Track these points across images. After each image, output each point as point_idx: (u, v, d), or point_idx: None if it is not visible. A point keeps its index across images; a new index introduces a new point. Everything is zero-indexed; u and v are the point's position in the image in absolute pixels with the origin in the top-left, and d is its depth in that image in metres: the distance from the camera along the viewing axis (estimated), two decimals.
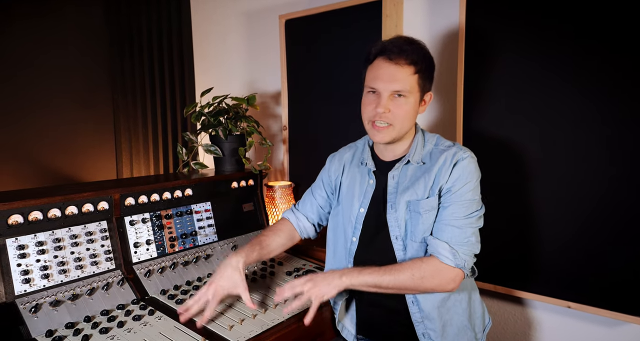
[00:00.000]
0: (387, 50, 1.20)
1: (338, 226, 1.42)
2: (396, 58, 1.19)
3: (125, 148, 2.97)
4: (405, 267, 1.18)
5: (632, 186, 1.36)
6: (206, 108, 1.95)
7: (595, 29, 1.38)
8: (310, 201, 1.53)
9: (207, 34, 2.70)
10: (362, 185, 1.36)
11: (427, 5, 1.83)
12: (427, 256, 1.21)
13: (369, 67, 1.27)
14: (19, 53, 2.58)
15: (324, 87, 2.03)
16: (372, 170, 1.34)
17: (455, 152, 1.24)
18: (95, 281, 1.36)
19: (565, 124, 1.45)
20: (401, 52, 1.19)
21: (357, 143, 1.50)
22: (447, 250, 1.17)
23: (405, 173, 1.28)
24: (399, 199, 1.26)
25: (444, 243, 1.18)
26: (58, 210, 1.33)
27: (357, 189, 1.36)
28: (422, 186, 1.24)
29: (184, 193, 1.67)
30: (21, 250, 1.25)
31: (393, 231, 1.27)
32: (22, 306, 1.20)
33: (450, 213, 1.20)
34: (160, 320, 1.27)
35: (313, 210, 1.52)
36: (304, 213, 1.53)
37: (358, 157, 1.42)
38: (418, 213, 1.23)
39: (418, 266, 1.18)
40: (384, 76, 1.20)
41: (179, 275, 1.54)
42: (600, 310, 1.44)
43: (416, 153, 1.28)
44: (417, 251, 1.24)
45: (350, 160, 1.45)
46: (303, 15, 2.04)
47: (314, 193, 1.53)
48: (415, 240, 1.24)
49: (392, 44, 1.20)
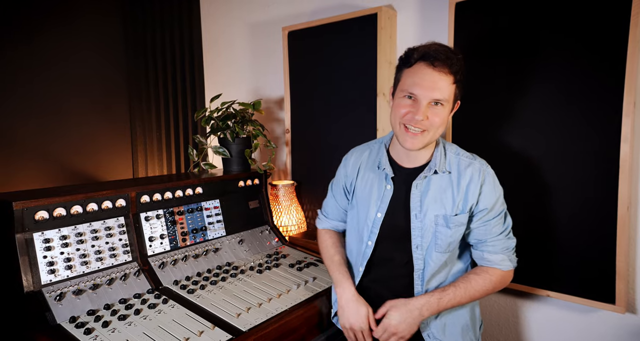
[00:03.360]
0: (431, 57, 1.08)
1: (353, 228, 1.34)
2: (440, 65, 1.07)
3: (141, 150, 2.99)
4: (479, 284, 1.17)
5: (598, 187, 1.37)
6: (215, 113, 1.96)
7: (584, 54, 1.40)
8: (336, 206, 1.45)
9: (216, 45, 2.71)
10: (380, 189, 1.26)
11: (419, 19, 1.85)
12: (487, 268, 1.20)
13: (407, 70, 1.13)
14: (44, 61, 2.61)
15: (323, 93, 2.04)
16: (390, 176, 1.24)
17: (479, 168, 1.18)
18: (113, 272, 1.38)
19: (549, 131, 1.47)
20: (446, 59, 1.07)
21: (371, 144, 1.37)
22: (506, 259, 1.19)
23: (429, 183, 1.19)
24: (425, 210, 1.18)
25: (501, 255, 1.19)
26: (80, 207, 1.35)
27: (375, 193, 1.26)
28: (449, 200, 1.17)
29: (195, 192, 1.68)
30: (47, 244, 1.27)
31: (415, 240, 1.20)
32: (47, 294, 1.22)
33: (492, 227, 1.18)
34: (173, 308, 1.29)
35: (341, 214, 1.44)
36: (335, 219, 1.46)
37: (374, 160, 1.30)
38: (447, 227, 1.17)
39: (489, 280, 1.18)
40: (426, 83, 1.08)
41: (190, 267, 1.55)
42: (577, 298, 1.46)
43: (440, 162, 1.19)
44: (437, 259, 1.19)
45: (365, 162, 1.33)
46: (305, 27, 2.05)
47: (336, 198, 1.44)
48: (440, 250, 1.18)
49: (436, 51, 1.08)
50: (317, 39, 2.02)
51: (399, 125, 1.15)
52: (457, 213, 1.17)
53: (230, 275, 1.52)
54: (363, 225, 1.28)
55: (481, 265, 1.23)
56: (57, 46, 2.66)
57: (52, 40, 2.63)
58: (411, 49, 1.13)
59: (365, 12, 1.83)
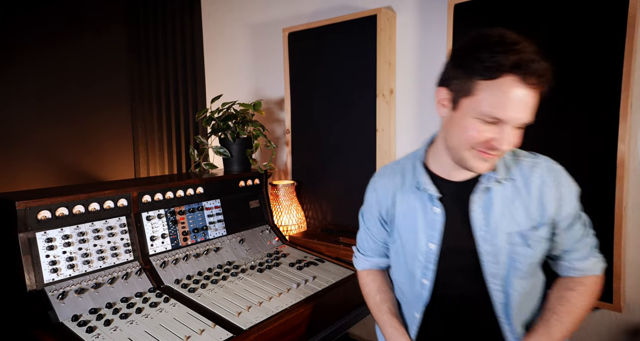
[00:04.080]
0: (525, 68, 0.79)
1: (400, 265, 1.09)
2: (534, 81, 0.80)
3: (143, 150, 3.00)
4: (580, 301, 0.94)
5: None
6: (216, 113, 1.96)
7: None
8: (373, 241, 1.17)
9: (217, 46, 2.72)
10: (426, 215, 1.01)
11: (418, 20, 1.85)
12: (580, 278, 0.98)
13: (487, 83, 0.82)
14: (46, 62, 2.61)
15: (323, 94, 2.04)
16: (435, 197, 0.99)
17: (547, 167, 0.96)
18: (115, 271, 1.38)
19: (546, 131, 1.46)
20: (544, 73, 0.80)
21: (402, 162, 1.11)
22: (597, 261, 0.99)
23: (491, 195, 0.95)
24: (494, 229, 0.94)
25: (592, 258, 0.98)
26: (82, 207, 1.35)
27: (420, 220, 1.01)
28: (521, 211, 0.94)
29: (196, 191, 1.68)
30: (49, 243, 1.27)
31: (489, 269, 0.95)
32: (50, 293, 1.22)
33: (577, 231, 0.97)
34: (175, 307, 1.29)
35: (381, 248, 1.18)
36: (375, 255, 1.19)
37: (410, 181, 1.05)
38: (527, 247, 0.94)
39: (589, 293, 0.96)
40: (518, 105, 0.81)
41: (192, 266, 1.56)
42: None
43: (503, 168, 0.95)
44: (520, 287, 0.95)
45: (400, 184, 1.07)
46: (305, 28, 2.05)
47: (372, 231, 1.17)
48: (521, 275, 0.95)
49: (531, 60, 0.79)
50: (317, 40, 2.02)
51: (468, 149, 0.89)
52: (534, 227, 0.94)
53: (230, 274, 1.52)
54: (413, 261, 1.03)
55: (569, 276, 0.99)
56: (58, 47, 2.66)
57: (54, 41, 2.64)
58: (491, 48, 0.81)
59: (364, 14, 1.84)
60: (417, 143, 1.91)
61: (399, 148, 1.98)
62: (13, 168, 2.50)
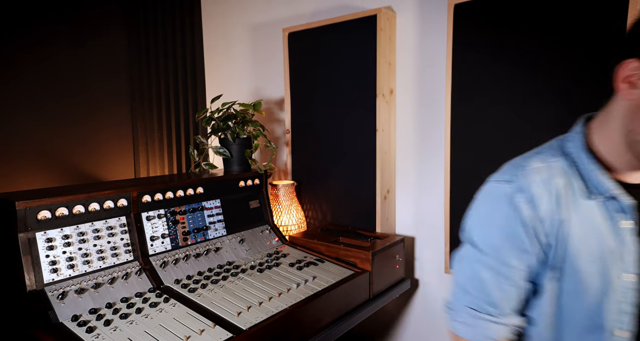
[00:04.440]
0: None
1: (572, 315, 0.75)
2: None
3: (143, 150, 2.99)
4: None
5: None
6: (216, 113, 1.96)
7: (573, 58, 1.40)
8: (517, 287, 0.78)
9: (217, 45, 2.71)
10: (613, 231, 0.72)
11: (418, 20, 1.85)
12: None
13: None
14: (46, 62, 2.60)
15: (323, 94, 2.04)
16: (628, 205, 0.72)
17: None
18: (115, 272, 1.38)
19: (549, 130, 1.47)
20: None
21: (554, 152, 0.79)
22: None
23: None
24: None
25: None
26: (82, 207, 1.34)
27: (609, 240, 0.72)
28: None
29: (196, 191, 1.68)
30: (49, 243, 1.26)
31: None
32: (50, 293, 1.21)
33: None
34: (175, 307, 1.28)
35: (522, 300, 0.80)
36: (514, 313, 0.79)
37: (579, 183, 0.74)
38: None
39: None
40: None
41: (192, 266, 1.55)
42: None
43: None
44: None
45: (565, 190, 0.74)
46: (305, 28, 2.05)
47: (513, 273, 0.77)
48: None
49: None
50: (317, 40, 2.02)
51: None
52: None
53: (230, 274, 1.52)
54: (599, 303, 0.72)
55: None
56: (58, 47, 2.65)
57: (54, 42, 2.63)
58: None
59: (364, 14, 1.83)
60: (417, 143, 1.91)
61: (399, 148, 1.98)
62: (13, 169, 2.50)
